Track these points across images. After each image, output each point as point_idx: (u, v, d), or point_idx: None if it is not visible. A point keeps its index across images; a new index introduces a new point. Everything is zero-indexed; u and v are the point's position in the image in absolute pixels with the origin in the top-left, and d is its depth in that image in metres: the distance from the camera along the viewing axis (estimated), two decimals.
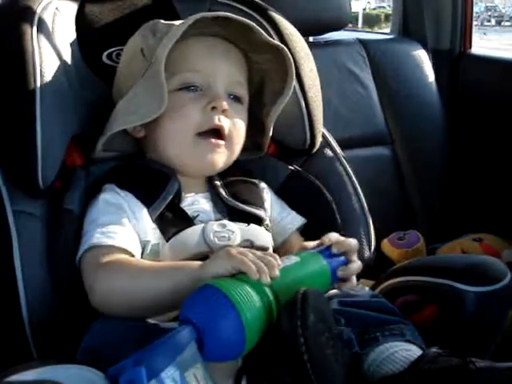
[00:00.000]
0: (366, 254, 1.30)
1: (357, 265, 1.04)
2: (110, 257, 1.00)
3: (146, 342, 0.75)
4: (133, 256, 1.03)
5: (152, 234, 1.07)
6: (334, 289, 1.05)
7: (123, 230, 1.04)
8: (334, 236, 1.05)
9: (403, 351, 0.93)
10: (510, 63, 1.97)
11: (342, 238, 1.05)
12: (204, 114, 1.11)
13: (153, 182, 1.11)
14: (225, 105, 1.11)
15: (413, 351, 0.93)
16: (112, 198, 1.08)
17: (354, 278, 1.05)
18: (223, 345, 0.80)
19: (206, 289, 0.83)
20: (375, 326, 0.97)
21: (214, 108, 1.11)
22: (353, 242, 1.05)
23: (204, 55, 1.14)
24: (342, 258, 1.03)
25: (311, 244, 1.07)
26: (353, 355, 0.92)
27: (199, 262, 0.93)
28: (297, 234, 1.23)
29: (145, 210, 1.07)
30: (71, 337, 0.97)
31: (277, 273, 0.87)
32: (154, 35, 1.14)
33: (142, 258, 1.05)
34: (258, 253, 0.90)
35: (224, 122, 1.12)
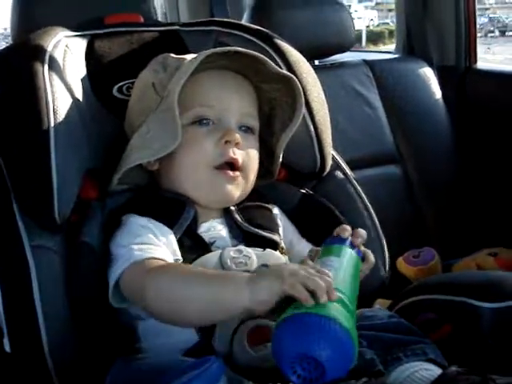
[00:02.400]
0: (382, 273, 1.30)
1: (371, 253, 1.08)
2: (155, 263, 1.01)
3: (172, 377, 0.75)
4: None
5: (178, 253, 1.08)
6: None
7: (159, 248, 1.05)
8: (349, 227, 1.05)
9: (423, 371, 0.93)
10: None
11: (355, 230, 1.05)
12: (218, 147, 1.12)
13: (170, 209, 1.12)
14: (238, 138, 1.12)
15: (433, 370, 0.93)
16: (138, 222, 1.08)
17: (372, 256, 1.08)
18: (347, 367, 0.83)
19: (312, 318, 0.82)
20: (397, 347, 0.97)
21: (227, 142, 1.12)
22: (362, 231, 1.06)
23: (216, 89, 1.15)
24: (359, 242, 1.04)
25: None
26: (375, 373, 0.92)
27: (246, 276, 0.93)
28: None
29: (170, 230, 1.09)
30: (94, 373, 0.98)
31: (335, 296, 0.85)
32: (164, 70, 1.15)
33: None
34: (311, 270, 0.89)
35: (238, 154, 1.13)
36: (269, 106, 1.23)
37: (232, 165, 1.13)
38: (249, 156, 1.16)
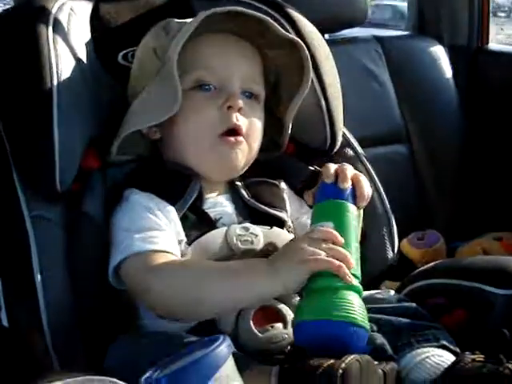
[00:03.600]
0: (390, 254, 1.28)
1: (363, 180, 1.03)
2: (160, 259, 0.99)
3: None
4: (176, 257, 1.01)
5: (182, 233, 1.05)
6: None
7: (162, 233, 1.02)
8: (333, 168, 1.03)
9: (435, 357, 0.92)
10: None
11: (340, 168, 1.03)
12: (220, 113, 1.09)
13: (174, 183, 1.09)
14: (240, 103, 1.09)
15: (445, 357, 0.92)
16: (139, 201, 1.05)
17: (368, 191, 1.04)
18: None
19: (332, 325, 0.87)
20: (408, 332, 0.95)
21: (230, 107, 1.08)
22: (349, 167, 1.04)
23: (217, 52, 1.12)
24: (349, 187, 1.01)
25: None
26: (386, 359, 0.90)
27: (265, 263, 0.94)
28: None
29: (172, 208, 1.05)
30: (94, 349, 0.95)
31: (353, 263, 0.91)
32: (166, 34, 1.12)
33: None
34: (323, 243, 0.92)
35: (241, 120, 1.10)
36: (275, 73, 1.19)
37: (234, 131, 1.10)
38: (252, 124, 1.12)
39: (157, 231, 1.02)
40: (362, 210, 1.03)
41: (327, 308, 0.87)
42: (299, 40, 1.13)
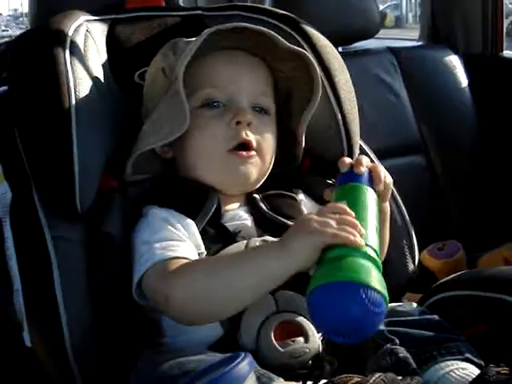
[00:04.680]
0: (411, 267, 1.27)
1: (380, 167, 1.03)
2: (176, 264, 0.98)
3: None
4: None
5: (202, 247, 1.05)
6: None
7: (182, 243, 1.02)
8: (347, 159, 1.03)
9: (459, 370, 0.90)
10: None
11: (355, 158, 1.03)
12: (229, 129, 1.09)
13: (192, 198, 1.09)
14: (250, 118, 1.09)
15: (469, 370, 0.91)
16: (159, 215, 1.06)
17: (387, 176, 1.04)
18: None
19: (344, 286, 0.82)
20: (431, 345, 0.94)
21: (238, 123, 1.09)
22: (364, 157, 1.03)
23: (224, 69, 1.12)
24: (365, 172, 1.00)
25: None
26: (410, 373, 0.89)
27: (276, 243, 0.93)
28: None
29: (193, 223, 1.05)
30: (117, 368, 0.95)
31: (363, 230, 0.88)
32: (174, 54, 1.12)
33: None
34: (332, 214, 0.90)
35: (251, 135, 1.10)
36: (286, 86, 1.19)
37: (245, 145, 1.10)
38: (263, 138, 1.12)
39: (177, 241, 1.02)
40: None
41: (334, 271, 0.84)
42: (306, 52, 1.13)
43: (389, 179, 1.04)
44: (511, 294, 1.02)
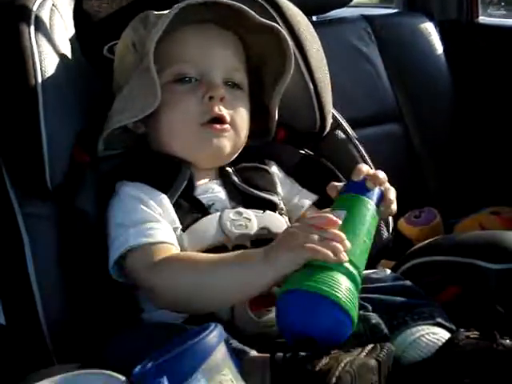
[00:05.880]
0: (385, 234, 1.27)
1: (393, 190, 1.03)
2: (160, 253, 0.98)
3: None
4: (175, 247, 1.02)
5: (177, 220, 1.05)
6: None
7: (157, 224, 1.02)
8: (365, 168, 1.01)
9: (430, 335, 0.91)
10: None
11: (372, 171, 1.02)
12: (202, 104, 1.08)
13: (164, 172, 1.09)
14: (222, 93, 1.08)
15: (440, 334, 0.91)
16: (131, 193, 1.05)
17: (395, 204, 1.03)
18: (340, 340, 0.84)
19: (307, 297, 0.83)
20: (403, 311, 0.95)
21: (211, 98, 1.08)
22: (382, 172, 1.02)
23: (196, 44, 1.11)
24: (377, 189, 1.00)
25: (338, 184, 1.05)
26: (382, 338, 0.90)
27: (260, 253, 0.92)
28: (313, 209, 1.20)
29: (165, 197, 1.05)
30: (90, 340, 0.96)
31: (349, 245, 0.87)
32: (144, 27, 1.11)
33: None
34: (318, 231, 0.88)
35: (224, 110, 1.09)
36: (258, 60, 1.18)
37: (219, 120, 1.09)
38: (237, 112, 1.12)
39: (152, 223, 1.02)
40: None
41: (304, 279, 0.84)
42: (278, 27, 1.13)
43: (394, 207, 1.04)
44: (482, 258, 1.03)
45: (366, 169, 1.01)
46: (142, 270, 0.98)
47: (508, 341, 0.84)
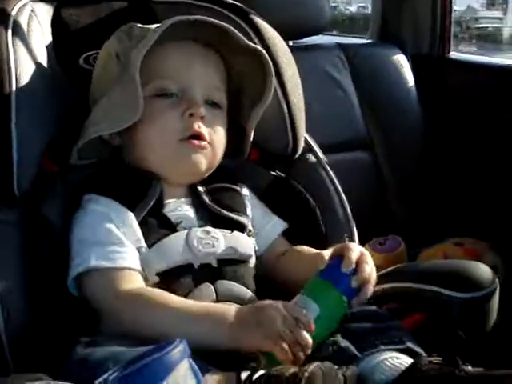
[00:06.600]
0: None
1: (368, 274, 1.02)
2: (120, 280, 0.99)
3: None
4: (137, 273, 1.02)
5: (142, 240, 1.04)
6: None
7: (120, 247, 1.01)
8: (353, 257, 1.01)
9: (393, 359, 0.92)
10: (487, 66, 1.98)
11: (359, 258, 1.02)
12: (182, 120, 1.09)
13: (133, 187, 1.08)
14: (202, 111, 1.09)
15: (403, 359, 0.92)
16: (97, 208, 1.05)
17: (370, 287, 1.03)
18: None
19: None
20: (373, 335, 0.95)
21: (191, 115, 1.08)
22: (367, 268, 1.03)
23: (180, 61, 1.12)
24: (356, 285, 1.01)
25: (326, 255, 1.06)
26: (351, 358, 0.92)
27: (233, 319, 0.93)
28: (281, 238, 1.21)
29: (131, 215, 1.05)
30: (51, 349, 0.95)
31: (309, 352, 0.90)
32: (129, 39, 1.11)
33: None
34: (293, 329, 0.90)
35: (203, 128, 1.10)
36: (238, 81, 1.19)
37: (198, 137, 1.10)
38: (215, 131, 1.12)
39: (115, 246, 1.01)
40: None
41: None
42: (262, 50, 1.14)
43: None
44: (445, 286, 1.05)
45: (356, 258, 1.01)
46: (98, 292, 0.99)
47: (470, 367, 0.85)
